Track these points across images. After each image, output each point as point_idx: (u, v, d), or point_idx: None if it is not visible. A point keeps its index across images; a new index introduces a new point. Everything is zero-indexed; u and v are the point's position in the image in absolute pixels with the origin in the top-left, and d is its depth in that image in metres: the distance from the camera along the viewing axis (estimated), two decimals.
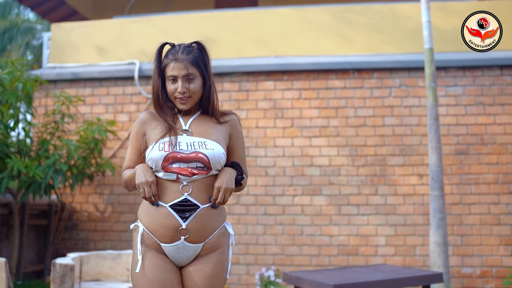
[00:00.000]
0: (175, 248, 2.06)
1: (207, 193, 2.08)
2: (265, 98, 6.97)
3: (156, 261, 2.06)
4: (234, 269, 6.59)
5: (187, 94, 2.12)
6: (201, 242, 2.07)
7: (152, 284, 2.03)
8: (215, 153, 2.07)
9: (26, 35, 22.85)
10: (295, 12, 7.34)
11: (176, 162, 2.04)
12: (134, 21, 7.79)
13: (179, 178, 2.05)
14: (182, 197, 2.03)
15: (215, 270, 2.08)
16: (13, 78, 5.65)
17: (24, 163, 5.54)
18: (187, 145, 2.07)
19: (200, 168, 2.05)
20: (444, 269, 5.16)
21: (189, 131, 2.14)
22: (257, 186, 6.76)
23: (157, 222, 2.05)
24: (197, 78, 2.15)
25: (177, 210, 2.03)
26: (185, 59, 2.12)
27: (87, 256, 4.77)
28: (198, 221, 2.04)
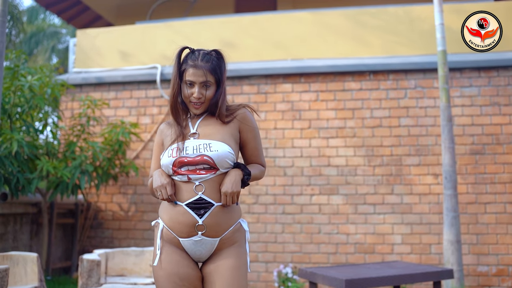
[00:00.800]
0: (193, 242, 2.18)
1: (219, 191, 2.20)
2: (283, 100, 7.14)
3: (174, 256, 2.20)
4: (253, 266, 6.78)
5: (202, 100, 2.26)
6: (218, 237, 2.19)
7: (169, 277, 2.16)
8: (219, 154, 2.18)
9: (52, 39, 23.38)
10: (311, 16, 7.50)
11: (184, 165, 2.19)
12: (155, 27, 8.04)
13: (190, 178, 2.18)
14: (196, 196, 2.16)
15: (238, 262, 2.19)
16: (42, 83, 5.93)
17: (53, 164, 5.81)
18: (193, 149, 2.20)
19: (207, 169, 2.18)
20: (457, 266, 5.27)
21: (197, 133, 2.26)
22: (275, 186, 6.94)
23: (175, 219, 2.19)
24: (212, 86, 2.27)
25: (192, 208, 2.16)
26: (204, 66, 2.23)
27: (112, 252, 5.00)
28: (213, 217, 2.17)
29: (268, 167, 6.95)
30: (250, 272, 6.67)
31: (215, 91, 2.30)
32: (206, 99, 2.27)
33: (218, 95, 2.30)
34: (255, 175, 2.36)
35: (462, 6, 6.83)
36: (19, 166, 5.77)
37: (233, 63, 7.42)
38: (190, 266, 2.21)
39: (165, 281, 2.17)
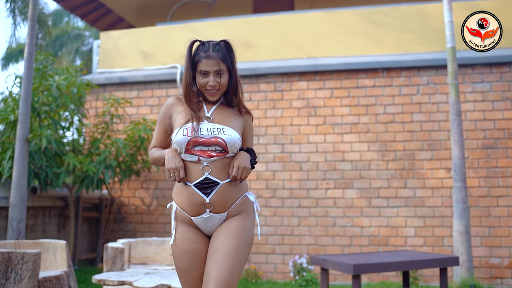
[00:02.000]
0: (203, 219, 2.36)
1: (226, 171, 2.35)
2: (299, 97, 7.36)
3: (187, 234, 2.38)
4: (271, 258, 7.02)
5: (217, 87, 2.39)
6: (225, 212, 2.35)
7: (183, 253, 2.36)
8: (231, 138, 2.34)
9: (76, 42, 23.90)
10: (326, 15, 7.71)
11: (198, 145, 2.32)
12: (175, 28, 8.33)
13: (200, 159, 2.32)
14: (203, 176, 2.31)
15: (241, 224, 2.35)
16: (68, 83, 6.26)
17: (79, 159, 6.13)
18: (208, 131, 2.34)
19: (219, 151, 2.33)
20: (467, 256, 5.44)
21: (210, 118, 2.40)
22: (292, 180, 7.17)
23: (185, 199, 2.36)
24: (225, 73, 2.40)
25: (200, 188, 2.31)
26: (216, 56, 2.37)
27: (135, 242, 5.28)
28: (219, 195, 2.32)
29: (284, 162, 7.19)
30: (267, 264, 6.92)
31: (228, 78, 2.44)
32: (221, 86, 2.41)
33: (233, 83, 2.45)
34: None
35: (472, 4, 6.97)
36: (47, 161, 6.11)
37: (250, 62, 7.68)
38: (202, 241, 2.39)
39: (179, 257, 2.37)
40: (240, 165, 2.32)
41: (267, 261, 7.04)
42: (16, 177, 5.42)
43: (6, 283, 3.93)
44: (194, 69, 2.44)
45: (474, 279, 5.42)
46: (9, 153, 5.74)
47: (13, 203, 5.38)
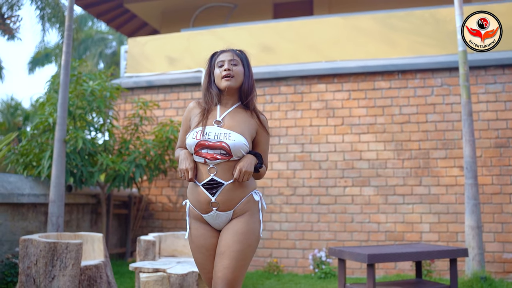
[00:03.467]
0: (211, 217, 2.57)
1: (231, 172, 2.53)
2: (318, 99, 7.69)
3: (200, 230, 2.61)
4: (292, 253, 7.36)
5: (231, 73, 2.60)
6: (230, 210, 2.55)
7: (198, 248, 2.61)
8: (236, 144, 2.50)
9: (99, 45, 24.50)
10: (343, 20, 8.04)
11: (204, 148, 2.52)
12: (199, 33, 8.73)
13: (206, 161, 2.53)
14: (209, 177, 2.51)
15: (245, 228, 2.53)
16: (101, 88, 6.69)
17: (111, 159, 6.55)
18: (215, 135, 2.53)
19: (223, 154, 2.51)
20: (478, 250, 5.72)
21: (221, 122, 2.59)
22: (311, 179, 7.50)
23: (195, 198, 2.58)
24: (239, 65, 2.66)
25: (206, 188, 2.52)
26: (231, 50, 2.69)
27: (165, 235, 5.67)
28: (224, 195, 2.52)
29: (304, 161, 7.53)
30: (288, 258, 7.26)
31: (244, 73, 2.67)
32: (235, 73, 2.62)
33: (249, 82, 2.68)
34: (263, 170, 2.71)
35: (484, 7, 7.22)
36: (82, 161, 6.54)
37: (271, 66, 8.04)
38: (213, 236, 2.61)
39: (195, 252, 2.63)
40: (242, 168, 2.49)
41: (288, 255, 7.39)
42: (55, 175, 5.86)
43: (53, 269, 4.35)
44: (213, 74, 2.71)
45: (485, 272, 5.68)
46: (48, 153, 6.19)
47: (52, 199, 5.81)
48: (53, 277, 4.35)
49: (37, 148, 6.57)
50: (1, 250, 5.74)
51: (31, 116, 20.28)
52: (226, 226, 2.57)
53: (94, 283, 4.65)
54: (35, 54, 24.32)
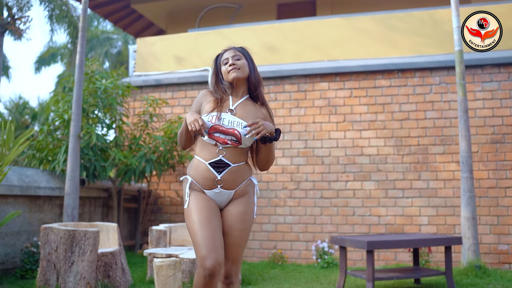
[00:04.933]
0: (214, 193, 2.73)
1: (237, 157, 2.73)
2: (321, 97, 7.97)
3: (201, 196, 2.73)
4: (295, 245, 7.65)
5: (236, 66, 2.82)
6: (233, 189, 2.74)
7: (201, 208, 2.66)
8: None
9: (105, 45, 24.79)
10: (345, 21, 8.33)
11: (218, 132, 2.70)
12: (206, 34, 9.02)
13: (217, 144, 2.71)
14: (217, 158, 2.70)
15: (245, 209, 2.75)
16: (114, 86, 6.99)
17: (123, 154, 6.85)
18: (229, 122, 2.72)
19: (234, 141, 2.70)
20: (473, 240, 6.00)
21: (233, 111, 2.78)
22: (314, 174, 7.79)
23: (200, 175, 2.73)
24: (242, 59, 2.86)
25: (213, 167, 2.70)
26: (233, 48, 2.91)
27: (175, 226, 5.96)
28: (229, 175, 2.71)
29: (307, 156, 7.82)
30: (292, 250, 7.54)
31: (247, 64, 2.88)
32: (239, 66, 2.83)
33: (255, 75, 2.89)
34: (273, 149, 2.85)
35: (482, 9, 7.48)
36: (95, 155, 6.84)
37: (275, 65, 8.33)
38: (215, 204, 2.75)
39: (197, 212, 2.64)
40: (261, 121, 2.67)
41: (292, 247, 7.68)
42: (70, 169, 6.16)
43: (72, 255, 4.65)
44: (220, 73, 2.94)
45: (480, 261, 5.96)
46: (63, 148, 6.49)
47: (67, 192, 6.12)
48: (72, 263, 4.65)
49: (52, 143, 6.88)
50: (20, 240, 6.04)
51: (39, 114, 20.60)
52: (227, 208, 2.76)
53: (110, 268, 4.95)
54: (41, 53, 24.68)
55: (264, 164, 2.88)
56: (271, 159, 2.86)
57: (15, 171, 6.08)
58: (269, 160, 2.86)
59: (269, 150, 2.82)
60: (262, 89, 2.92)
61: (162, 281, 4.29)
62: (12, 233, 5.95)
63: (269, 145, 2.79)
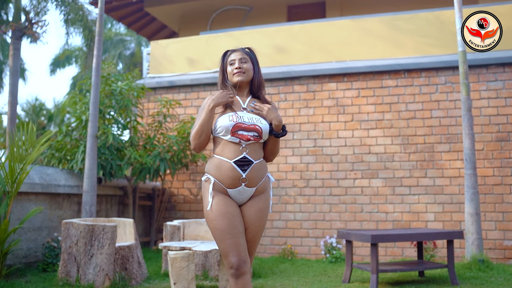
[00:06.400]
0: (237, 192, 2.81)
1: (257, 153, 2.85)
2: (329, 97, 8.19)
3: (224, 200, 2.79)
4: (305, 241, 7.88)
5: (242, 70, 2.93)
6: (254, 187, 2.84)
7: (224, 215, 2.75)
8: (266, 128, 2.85)
9: (118, 47, 25.15)
10: (352, 22, 8.54)
11: (240, 130, 2.80)
12: (217, 36, 9.28)
13: (240, 141, 2.80)
14: (241, 155, 2.79)
15: (264, 205, 2.88)
16: (129, 88, 7.27)
17: (138, 153, 7.12)
18: (248, 119, 2.84)
19: (256, 136, 2.82)
20: (477, 235, 6.19)
21: (247, 109, 2.92)
22: (323, 171, 8.01)
23: (224, 174, 2.79)
24: (248, 62, 2.97)
25: (238, 165, 2.78)
26: (240, 49, 3.01)
27: (188, 222, 6.21)
28: (252, 172, 2.81)
29: (316, 155, 8.04)
30: (302, 246, 7.77)
31: (253, 68, 2.99)
32: (245, 70, 2.95)
33: (258, 77, 3.01)
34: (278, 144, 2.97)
35: (489, 8, 7.64)
36: (111, 154, 7.13)
37: (285, 66, 8.56)
38: (236, 206, 2.84)
39: (220, 218, 2.75)
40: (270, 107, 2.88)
41: (302, 243, 7.90)
42: (88, 168, 6.45)
43: (91, 249, 4.92)
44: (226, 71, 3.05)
45: (483, 255, 6.14)
46: (81, 148, 6.79)
47: (86, 189, 6.40)
48: (92, 255, 4.93)
49: (70, 143, 7.17)
50: (41, 235, 6.34)
51: (55, 116, 21.01)
52: (247, 204, 2.85)
53: (127, 261, 5.22)
54: (57, 56, 25.13)
55: (269, 156, 2.98)
56: (275, 152, 2.98)
57: (36, 169, 6.38)
58: (273, 152, 2.98)
59: (275, 144, 2.94)
60: (264, 91, 3.06)
61: (176, 272, 4.54)
62: (34, 228, 6.25)
63: (276, 140, 2.93)
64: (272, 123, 2.88)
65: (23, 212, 6.07)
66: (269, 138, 2.91)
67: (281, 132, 2.89)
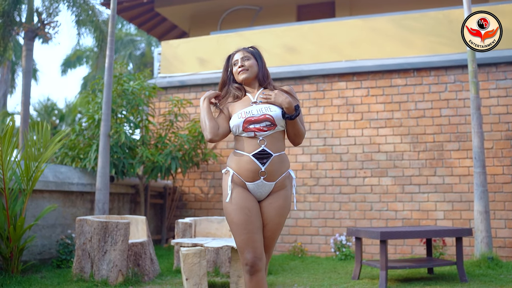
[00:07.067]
0: (256, 185, 2.81)
1: (276, 145, 2.83)
2: (339, 96, 8.25)
3: (242, 194, 2.81)
4: (315, 239, 7.94)
5: (245, 68, 2.98)
6: (274, 181, 2.82)
7: (241, 209, 2.77)
8: (277, 113, 2.83)
9: (128, 47, 25.29)
10: (362, 22, 8.59)
11: (252, 123, 2.81)
12: (227, 36, 9.36)
13: (256, 135, 2.80)
14: (260, 148, 2.79)
15: (284, 203, 2.87)
16: (141, 87, 7.37)
17: (150, 151, 7.22)
18: (257, 111, 2.84)
19: (269, 125, 2.81)
20: (486, 233, 6.22)
21: (257, 102, 2.93)
22: (333, 170, 8.06)
23: (243, 167, 2.81)
24: (251, 59, 3.02)
25: (257, 158, 2.78)
26: (242, 49, 3.08)
27: (199, 219, 6.29)
28: (272, 165, 2.79)
29: (326, 153, 8.10)
30: (311, 244, 7.83)
31: (256, 64, 3.03)
32: (248, 66, 3.00)
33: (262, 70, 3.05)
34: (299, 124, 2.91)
35: (492, 8, 7.69)
36: (123, 153, 7.23)
37: (295, 66, 8.63)
38: (254, 201, 2.84)
39: (237, 213, 2.77)
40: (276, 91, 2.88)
41: (312, 241, 7.96)
42: (100, 166, 6.55)
43: (105, 245, 5.02)
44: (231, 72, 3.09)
45: (492, 253, 6.18)
46: (94, 147, 6.90)
47: (99, 187, 6.51)
48: (105, 252, 5.02)
49: (83, 142, 7.29)
50: (55, 232, 6.46)
51: (66, 116, 21.20)
52: (267, 201, 2.86)
53: (139, 258, 5.31)
54: (68, 56, 25.35)
55: (294, 138, 2.95)
56: (298, 133, 2.93)
57: (50, 168, 6.50)
58: (297, 134, 2.93)
59: (293, 126, 2.90)
60: (270, 81, 3.08)
61: (188, 268, 4.62)
62: (48, 226, 6.36)
63: (293, 121, 2.88)
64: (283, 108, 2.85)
65: (38, 210, 6.19)
66: (287, 122, 2.89)
67: (294, 113, 2.84)
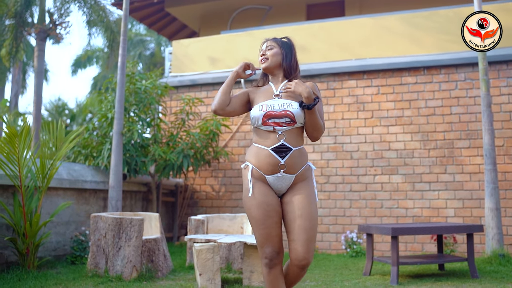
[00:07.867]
0: (276, 178, 2.81)
1: (296, 139, 2.84)
2: (349, 94, 8.28)
3: (262, 189, 2.82)
4: (326, 236, 7.98)
5: (265, 56, 3.03)
6: (294, 174, 2.82)
7: (260, 204, 2.79)
8: (298, 111, 2.83)
9: (138, 47, 25.44)
10: (372, 20, 8.61)
11: (271, 118, 2.83)
12: (238, 35, 9.42)
13: (275, 129, 2.82)
14: (279, 143, 2.80)
15: (308, 191, 2.84)
16: (153, 86, 7.45)
17: (162, 149, 7.30)
18: (279, 106, 2.85)
19: (288, 122, 2.81)
20: (497, 230, 6.24)
21: (279, 95, 2.94)
22: (343, 168, 8.10)
23: (262, 160, 2.82)
24: (275, 48, 3.04)
25: (276, 152, 2.79)
26: (271, 39, 3.11)
27: (211, 216, 6.35)
28: (291, 159, 2.80)
29: (336, 151, 8.14)
30: (323, 241, 7.87)
31: (280, 53, 3.04)
32: (269, 56, 3.03)
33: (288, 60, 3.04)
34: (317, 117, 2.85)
35: (503, 6, 7.70)
36: (136, 151, 7.31)
37: (305, 64, 8.67)
38: (274, 196, 2.86)
39: (257, 208, 2.80)
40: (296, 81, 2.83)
41: (323, 239, 8.00)
42: (114, 164, 6.63)
43: (119, 241, 5.09)
44: None
45: (503, 250, 6.19)
46: (107, 145, 6.98)
47: (112, 185, 6.59)
48: (120, 248, 5.10)
49: (96, 141, 7.38)
50: (69, 229, 6.55)
51: (77, 115, 21.36)
52: (291, 193, 2.84)
53: (153, 254, 5.38)
54: (78, 57, 25.53)
55: (312, 131, 2.89)
56: (316, 126, 2.87)
57: (64, 166, 6.59)
58: (314, 127, 2.87)
59: (311, 117, 2.83)
60: (297, 74, 3.05)
61: (201, 263, 4.69)
62: (63, 223, 6.45)
63: (311, 113, 2.82)
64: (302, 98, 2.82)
65: (52, 207, 6.28)
66: (305, 113, 2.85)
67: (312, 103, 2.80)
